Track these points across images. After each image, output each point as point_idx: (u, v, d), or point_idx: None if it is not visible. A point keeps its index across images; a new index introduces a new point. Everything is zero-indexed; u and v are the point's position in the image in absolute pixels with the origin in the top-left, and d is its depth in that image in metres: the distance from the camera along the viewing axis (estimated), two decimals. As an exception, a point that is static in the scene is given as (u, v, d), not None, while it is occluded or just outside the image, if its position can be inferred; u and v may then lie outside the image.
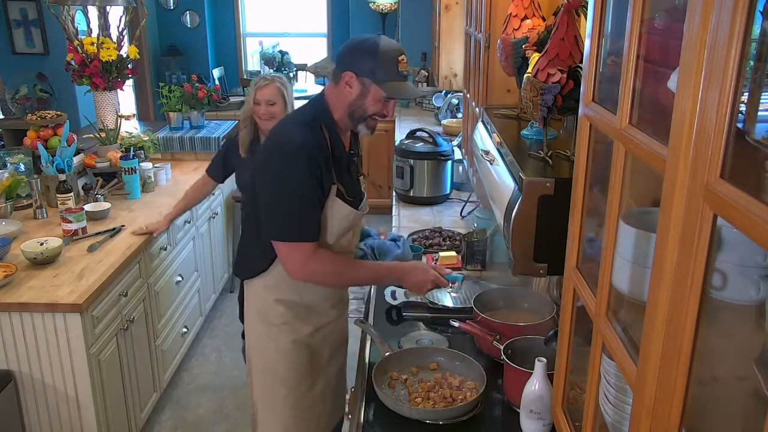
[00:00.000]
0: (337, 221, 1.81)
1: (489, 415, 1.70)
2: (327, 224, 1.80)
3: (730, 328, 0.88)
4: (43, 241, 2.60)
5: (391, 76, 1.73)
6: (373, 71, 1.72)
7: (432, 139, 3.38)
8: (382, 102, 1.76)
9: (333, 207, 1.79)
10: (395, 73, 1.73)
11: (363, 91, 1.74)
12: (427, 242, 2.81)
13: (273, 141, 1.80)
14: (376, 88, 1.73)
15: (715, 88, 0.63)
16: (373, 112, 1.77)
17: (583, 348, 1.12)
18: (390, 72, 1.73)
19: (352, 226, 1.89)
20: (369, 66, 1.72)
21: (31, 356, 2.34)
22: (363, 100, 1.75)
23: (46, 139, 3.31)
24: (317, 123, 1.78)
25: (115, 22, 4.05)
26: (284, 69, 6.17)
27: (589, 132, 1.08)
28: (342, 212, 1.81)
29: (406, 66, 1.76)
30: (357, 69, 1.73)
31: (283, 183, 1.73)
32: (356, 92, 1.75)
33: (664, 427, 0.76)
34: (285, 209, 1.75)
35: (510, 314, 1.99)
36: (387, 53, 1.72)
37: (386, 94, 1.73)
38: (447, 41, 4.17)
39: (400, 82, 1.75)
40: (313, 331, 1.93)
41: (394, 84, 1.74)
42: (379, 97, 1.74)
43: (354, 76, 1.73)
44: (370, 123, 1.80)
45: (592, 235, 1.13)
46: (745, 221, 0.59)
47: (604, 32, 1.04)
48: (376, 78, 1.72)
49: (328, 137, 1.77)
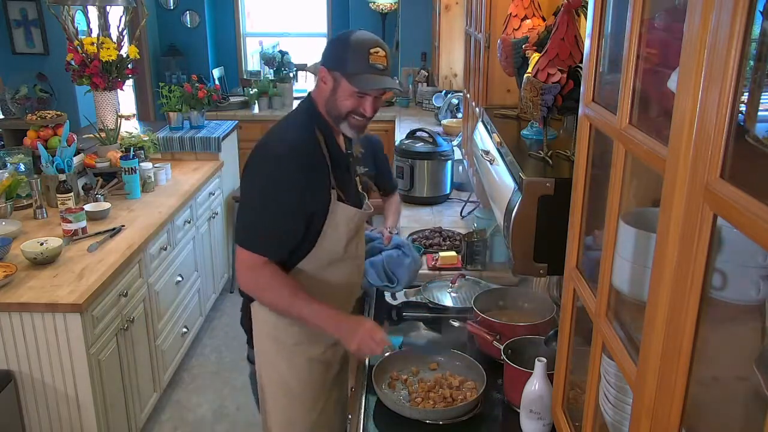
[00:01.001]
0: (343, 225, 1.75)
1: (489, 415, 1.70)
2: (334, 231, 1.74)
3: (730, 328, 0.88)
4: (43, 241, 2.60)
5: (362, 69, 1.62)
6: (342, 64, 1.63)
7: (432, 139, 3.38)
8: (356, 98, 1.65)
9: (337, 211, 1.73)
10: (365, 65, 1.62)
11: (335, 87, 1.66)
12: (427, 242, 2.81)
13: (263, 143, 1.72)
14: (345, 82, 1.64)
15: (715, 88, 0.63)
16: (348, 109, 1.67)
17: (583, 348, 1.12)
18: (360, 64, 1.62)
19: (360, 227, 1.83)
20: (338, 58, 1.64)
21: (31, 356, 2.34)
22: (335, 95, 1.66)
23: (46, 139, 3.31)
24: (311, 125, 1.71)
25: (115, 22, 4.05)
26: (284, 69, 6.16)
27: (589, 132, 1.08)
28: (347, 214, 1.75)
29: (383, 60, 1.64)
30: (327, 63, 1.66)
31: (261, 188, 1.66)
32: (329, 88, 1.67)
33: (664, 427, 0.76)
34: (254, 214, 1.69)
35: (510, 314, 1.99)
36: (358, 45, 1.63)
37: (355, 88, 1.63)
38: (447, 41, 4.17)
39: (371, 75, 1.63)
40: (326, 349, 1.88)
41: (363, 77, 1.63)
42: (350, 91, 1.64)
43: (326, 70, 1.66)
44: (351, 122, 1.70)
45: (591, 236, 1.13)
46: (745, 221, 0.59)
47: (604, 32, 1.04)
48: (345, 71, 1.63)
49: (323, 140, 1.71)
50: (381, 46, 1.65)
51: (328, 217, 1.71)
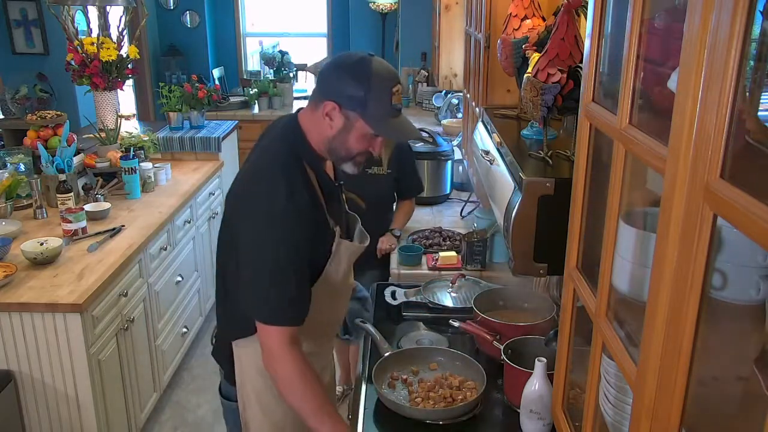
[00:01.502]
0: (345, 261, 1.63)
1: (489, 415, 1.70)
2: (336, 266, 1.60)
3: (730, 328, 0.88)
4: (43, 241, 2.60)
5: (383, 111, 1.44)
6: (361, 104, 1.42)
7: (432, 139, 3.38)
8: (369, 138, 1.48)
9: (340, 249, 1.59)
10: (388, 107, 1.43)
11: (346, 126, 1.45)
12: (427, 242, 2.81)
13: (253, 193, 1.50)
14: (362, 124, 1.44)
15: (715, 88, 0.63)
16: (359, 151, 1.50)
17: (583, 348, 1.12)
18: (382, 106, 1.43)
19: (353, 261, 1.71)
20: (357, 97, 1.41)
21: (31, 356, 2.34)
22: (346, 136, 1.46)
23: (46, 139, 3.31)
24: (299, 163, 1.51)
25: (115, 22, 4.05)
26: (284, 69, 6.17)
27: (589, 132, 1.08)
28: (350, 250, 1.63)
29: (401, 98, 1.47)
30: (341, 100, 1.43)
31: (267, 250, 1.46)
32: (338, 126, 1.46)
33: (664, 427, 0.76)
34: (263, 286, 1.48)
35: (510, 314, 1.99)
36: (380, 83, 1.42)
37: (375, 132, 1.46)
38: (447, 41, 4.17)
39: (393, 119, 1.46)
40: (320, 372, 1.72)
41: (386, 123, 1.45)
42: (366, 133, 1.46)
43: (337, 108, 1.44)
44: (357, 160, 1.53)
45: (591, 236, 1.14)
46: (745, 221, 0.59)
47: (604, 32, 1.04)
48: (365, 113, 1.43)
49: (314, 177, 1.52)
50: (399, 81, 1.47)
51: (332, 256, 1.58)
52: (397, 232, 2.73)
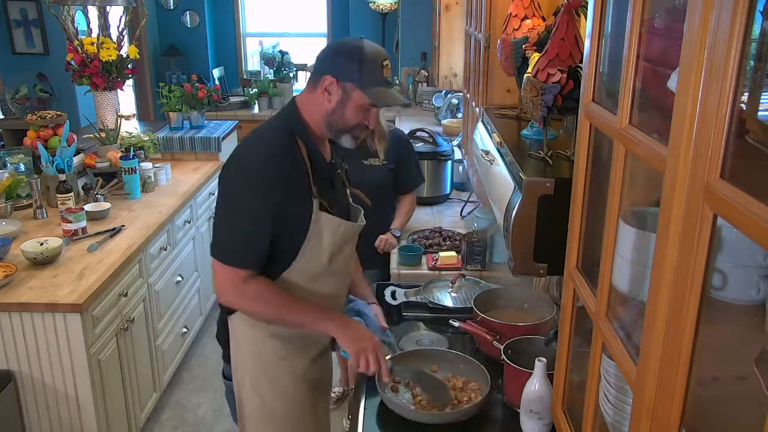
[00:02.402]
0: (328, 237, 1.66)
1: (489, 415, 1.70)
2: (317, 243, 1.65)
3: (730, 328, 0.88)
4: (43, 241, 2.60)
5: (376, 82, 1.59)
6: (357, 75, 1.57)
7: (432, 139, 3.38)
8: (364, 111, 1.61)
9: (319, 222, 1.64)
10: (380, 78, 1.59)
11: (343, 98, 1.59)
12: (427, 242, 2.81)
13: (238, 154, 1.65)
14: (359, 94, 1.58)
15: (715, 88, 0.63)
16: (355, 123, 1.63)
17: (583, 348, 1.12)
18: (375, 77, 1.59)
19: (346, 242, 1.73)
20: (352, 70, 1.57)
21: (31, 356, 2.35)
22: (343, 108, 1.60)
23: (46, 139, 3.32)
24: (291, 135, 1.63)
25: (115, 22, 4.05)
26: (284, 69, 6.17)
27: (589, 132, 1.08)
28: (330, 226, 1.66)
29: (390, 72, 1.63)
30: (338, 73, 1.58)
31: (234, 200, 1.60)
32: (336, 99, 1.60)
33: (664, 427, 0.76)
34: (228, 228, 1.62)
35: (510, 314, 1.99)
36: (372, 57, 1.58)
37: (370, 100, 1.59)
38: (447, 41, 4.17)
39: (385, 89, 1.61)
40: (311, 363, 1.79)
41: (378, 90, 1.59)
42: (362, 104, 1.60)
43: (334, 81, 1.58)
44: (354, 134, 1.66)
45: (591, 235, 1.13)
46: (745, 221, 0.59)
47: (604, 32, 1.04)
48: (360, 83, 1.58)
49: (305, 150, 1.63)
50: (389, 59, 1.64)
51: (311, 228, 1.63)
52: (397, 232, 2.73)
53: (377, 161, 2.71)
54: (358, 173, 2.66)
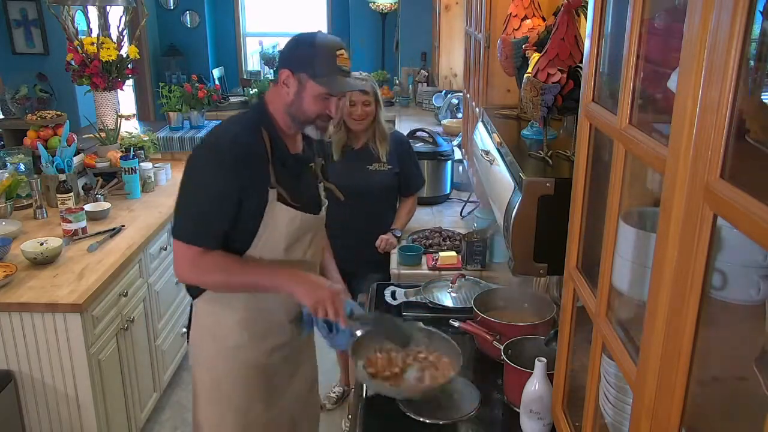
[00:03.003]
0: (282, 227, 1.69)
1: (489, 415, 1.70)
2: (272, 231, 1.69)
3: (730, 328, 0.88)
4: (43, 241, 2.60)
5: (329, 71, 1.61)
6: (309, 66, 1.60)
7: (432, 139, 3.38)
8: (322, 100, 1.64)
9: (274, 211, 1.67)
10: (333, 67, 1.62)
11: (299, 89, 1.63)
12: (427, 242, 2.81)
13: (205, 139, 1.71)
14: (312, 84, 1.62)
15: (715, 88, 0.63)
16: (315, 113, 1.66)
17: (584, 348, 1.12)
18: (328, 66, 1.61)
19: (305, 233, 1.76)
20: (304, 60, 1.61)
21: (31, 356, 2.34)
22: (301, 99, 1.64)
23: (46, 139, 3.32)
24: (256, 125, 1.68)
25: (115, 22, 4.05)
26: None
27: (589, 132, 1.08)
28: (285, 216, 1.68)
29: (346, 61, 1.65)
30: (293, 66, 1.63)
31: (196, 180, 1.65)
32: (293, 91, 1.64)
33: (664, 427, 0.76)
34: (188, 207, 1.67)
35: (510, 314, 1.99)
36: (324, 46, 1.62)
37: (324, 89, 1.62)
38: (447, 41, 4.17)
39: (338, 78, 1.63)
40: (270, 351, 1.81)
41: (332, 79, 1.62)
42: (317, 93, 1.62)
43: (290, 73, 1.63)
44: (319, 124, 1.69)
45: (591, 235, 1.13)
46: (745, 221, 0.59)
47: (604, 32, 1.04)
48: (312, 73, 1.61)
49: (268, 140, 1.67)
50: (345, 48, 1.66)
51: (264, 216, 1.67)
52: (397, 232, 2.73)
53: (382, 166, 2.72)
54: (364, 178, 2.68)
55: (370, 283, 2.45)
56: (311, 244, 1.81)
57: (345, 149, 2.71)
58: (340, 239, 2.81)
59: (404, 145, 2.82)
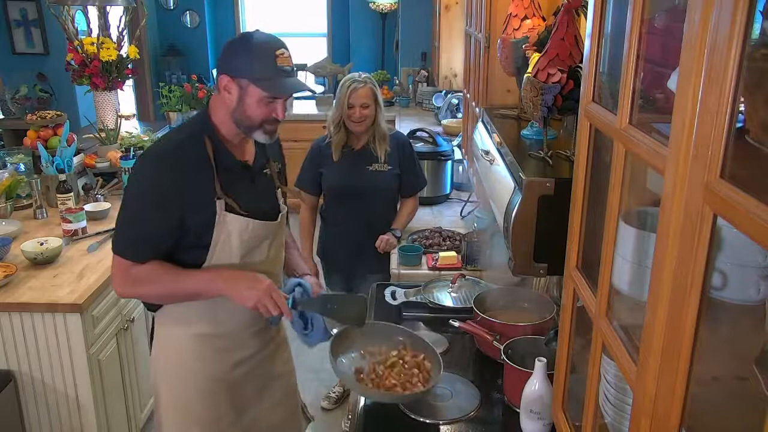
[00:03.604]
0: (235, 236, 1.64)
1: (489, 415, 1.70)
2: (225, 242, 1.63)
3: (730, 328, 0.88)
4: (43, 241, 2.60)
5: (269, 73, 1.54)
6: (248, 69, 1.53)
7: (432, 139, 3.38)
8: (267, 104, 1.57)
9: (224, 221, 1.61)
10: (273, 68, 1.54)
11: (241, 94, 1.56)
12: (427, 242, 2.81)
13: (148, 148, 1.68)
14: (253, 88, 1.54)
15: (715, 88, 0.63)
16: (261, 118, 1.58)
17: (584, 348, 1.12)
18: (267, 68, 1.53)
19: (261, 241, 1.70)
20: (242, 64, 1.54)
21: (31, 356, 2.34)
22: (243, 104, 1.56)
23: (46, 139, 3.31)
24: (197, 136, 1.61)
25: (115, 22, 4.04)
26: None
27: (589, 132, 1.08)
28: (237, 225, 1.63)
29: (288, 61, 1.57)
30: (231, 70, 1.55)
31: (134, 189, 1.62)
32: (235, 97, 1.56)
33: (664, 427, 0.76)
34: (123, 218, 1.62)
35: (510, 314, 1.99)
36: (262, 48, 1.54)
37: (266, 93, 1.55)
38: (447, 41, 4.17)
39: (281, 79, 1.56)
40: (232, 367, 1.76)
41: (274, 82, 1.55)
42: (261, 97, 1.55)
43: (230, 78, 1.55)
44: (267, 129, 1.62)
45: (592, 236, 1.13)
46: (745, 221, 0.59)
47: (604, 32, 1.04)
48: (252, 76, 1.53)
49: (211, 149, 1.60)
50: (285, 47, 1.59)
51: (216, 228, 1.61)
52: (398, 232, 2.73)
53: (382, 167, 2.71)
54: (364, 179, 2.68)
55: (370, 283, 2.45)
56: (270, 250, 1.75)
57: (345, 150, 2.71)
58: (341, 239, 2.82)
59: (405, 146, 2.81)
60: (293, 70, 1.60)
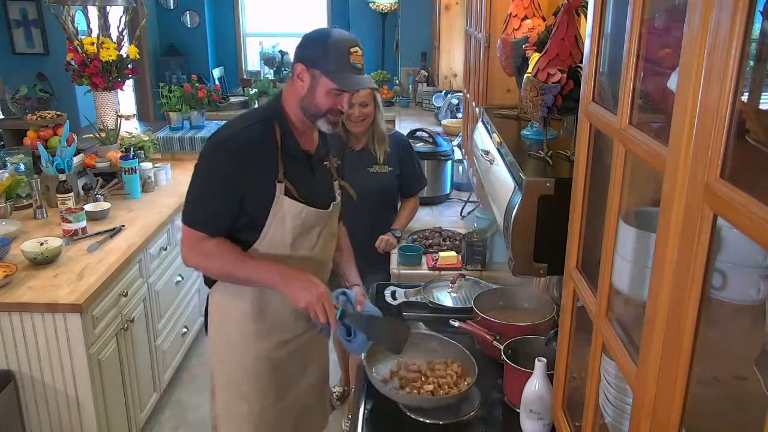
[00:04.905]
0: (288, 220, 1.73)
1: (489, 415, 1.70)
2: (279, 225, 1.73)
3: (730, 328, 0.88)
4: (43, 241, 2.60)
5: (342, 68, 1.65)
6: (323, 61, 1.65)
7: (432, 139, 3.38)
8: (334, 95, 1.68)
9: (281, 204, 1.71)
10: (346, 64, 1.65)
11: (313, 84, 1.67)
12: (427, 242, 2.81)
13: (218, 130, 1.78)
14: (325, 79, 1.65)
15: (715, 88, 0.63)
16: (327, 107, 1.69)
17: (584, 348, 1.12)
18: (340, 63, 1.65)
19: (311, 227, 1.79)
20: (318, 56, 1.65)
21: (31, 356, 2.34)
22: (314, 93, 1.68)
23: (46, 139, 3.32)
24: (268, 120, 1.73)
25: (115, 22, 4.04)
26: (284, 69, 6.17)
27: (589, 132, 1.08)
28: (291, 210, 1.73)
29: (360, 59, 1.68)
30: (306, 60, 1.67)
31: (201, 168, 1.73)
32: (307, 85, 1.68)
33: (664, 427, 0.76)
34: (192, 192, 1.75)
35: (510, 314, 1.99)
36: (337, 43, 1.65)
37: (336, 85, 1.65)
38: (447, 41, 4.17)
39: (351, 74, 1.67)
40: (275, 347, 1.86)
41: (344, 76, 1.66)
42: (330, 89, 1.66)
43: (304, 67, 1.67)
44: (330, 118, 1.72)
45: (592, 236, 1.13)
46: (745, 221, 0.59)
47: (604, 32, 1.04)
48: (325, 69, 1.65)
49: (279, 134, 1.71)
50: (359, 46, 1.69)
51: (272, 209, 1.71)
52: (398, 232, 2.73)
53: (382, 168, 2.71)
54: (364, 180, 2.68)
55: (370, 283, 2.45)
56: (319, 240, 1.83)
57: (345, 151, 2.71)
58: None
59: (405, 147, 2.81)
60: (362, 67, 1.71)
